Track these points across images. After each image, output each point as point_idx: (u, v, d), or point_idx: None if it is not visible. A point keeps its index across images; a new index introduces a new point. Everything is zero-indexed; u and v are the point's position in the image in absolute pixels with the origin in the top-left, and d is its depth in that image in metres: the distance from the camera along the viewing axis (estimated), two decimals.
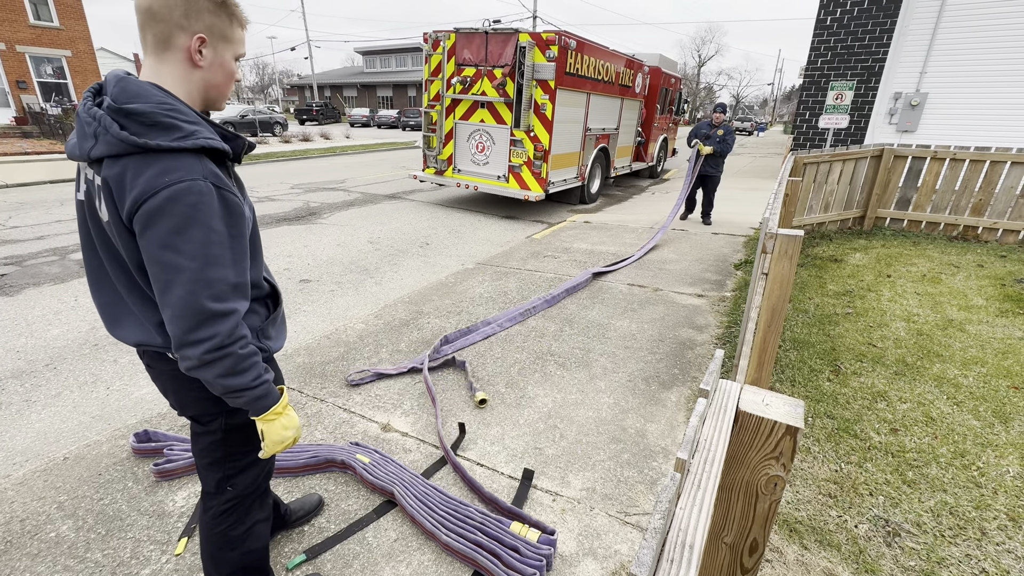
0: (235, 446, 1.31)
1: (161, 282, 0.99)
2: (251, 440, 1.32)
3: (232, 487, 1.35)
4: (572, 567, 1.83)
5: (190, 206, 0.96)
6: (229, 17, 1.07)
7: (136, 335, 1.17)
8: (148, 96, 0.98)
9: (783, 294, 1.97)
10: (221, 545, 1.39)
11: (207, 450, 1.32)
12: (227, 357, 1.05)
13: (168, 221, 0.95)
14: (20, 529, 1.93)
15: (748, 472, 0.98)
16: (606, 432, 2.61)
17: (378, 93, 45.83)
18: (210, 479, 1.35)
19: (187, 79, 1.05)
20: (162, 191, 0.94)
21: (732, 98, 74.59)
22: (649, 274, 5.19)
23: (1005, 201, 5.91)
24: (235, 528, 1.39)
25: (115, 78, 1.01)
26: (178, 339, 1.01)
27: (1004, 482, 2.23)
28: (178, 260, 0.97)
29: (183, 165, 0.97)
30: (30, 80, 19.35)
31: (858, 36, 12.10)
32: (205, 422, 1.28)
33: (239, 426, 1.28)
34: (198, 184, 0.97)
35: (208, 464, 1.34)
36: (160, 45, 1.02)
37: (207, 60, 1.06)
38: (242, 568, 1.43)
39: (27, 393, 2.88)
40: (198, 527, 1.44)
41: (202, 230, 0.98)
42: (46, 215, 7.12)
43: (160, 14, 0.99)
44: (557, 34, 6.90)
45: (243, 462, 1.35)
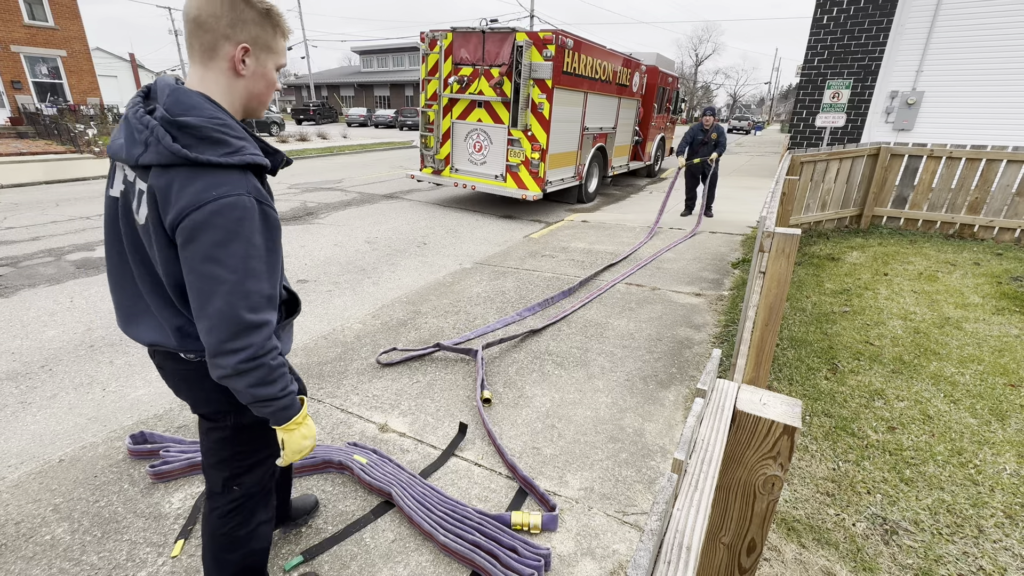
0: (242, 445, 1.32)
1: (201, 293, 1.01)
2: (258, 440, 1.33)
3: (238, 487, 1.36)
4: (570, 567, 1.83)
5: (234, 220, 0.99)
6: (273, 28, 1.09)
7: (151, 335, 1.19)
8: (201, 110, 1.01)
9: (780, 293, 1.97)
10: (224, 546, 1.39)
11: (215, 448, 1.33)
12: (260, 368, 1.07)
13: (212, 234, 0.97)
14: (15, 532, 1.92)
15: (746, 472, 0.98)
16: (604, 432, 2.60)
17: (375, 93, 45.75)
18: (216, 478, 1.36)
19: (231, 88, 1.08)
20: (208, 204, 0.97)
21: (729, 97, 74.68)
22: (647, 273, 5.19)
23: (1001, 199, 5.93)
24: (239, 529, 1.39)
25: (168, 87, 1.04)
26: (214, 348, 1.03)
27: (1001, 480, 2.24)
28: (220, 272, 0.99)
29: (230, 180, 1.00)
30: (25, 80, 19.26)
31: (855, 35, 12.13)
32: (215, 420, 1.30)
33: (247, 425, 1.29)
34: (243, 199, 1.00)
35: (215, 463, 1.35)
36: (206, 54, 1.04)
37: (250, 69, 1.08)
38: (243, 569, 1.44)
39: (22, 395, 2.86)
40: (202, 527, 1.42)
41: (243, 244, 1.01)
42: (41, 216, 7.08)
43: (207, 24, 1.01)
44: (554, 33, 6.89)
45: (249, 462, 1.36)
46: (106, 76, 27.83)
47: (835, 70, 12.54)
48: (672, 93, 12.89)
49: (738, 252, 6.05)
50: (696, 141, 7.77)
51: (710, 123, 7.64)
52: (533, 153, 7.42)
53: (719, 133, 7.68)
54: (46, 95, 19.93)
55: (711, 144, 7.70)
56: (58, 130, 15.25)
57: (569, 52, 7.23)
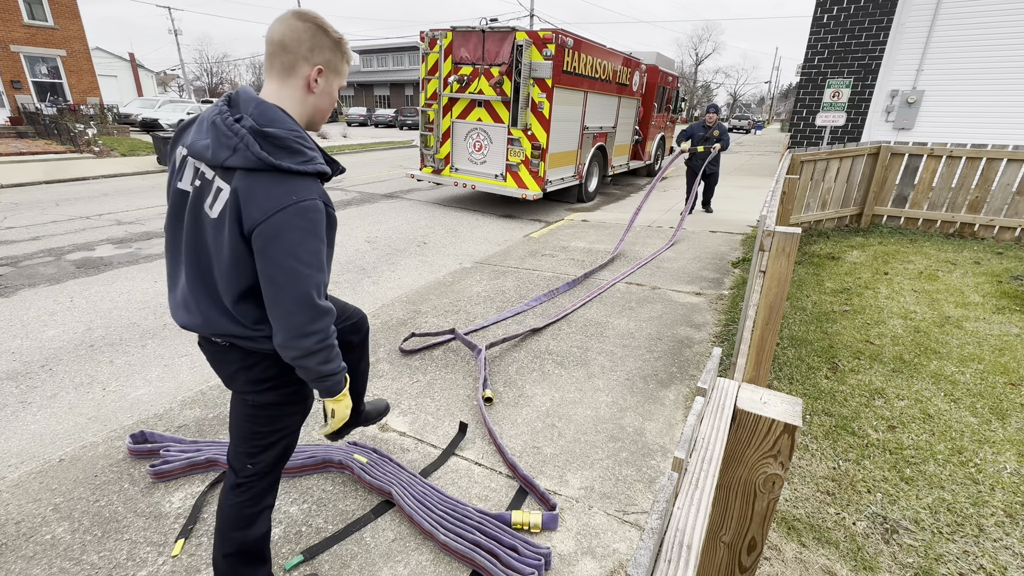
0: (262, 424, 1.43)
1: (281, 284, 1.14)
2: (274, 421, 1.44)
3: (252, 464, 1.46)
4: (571, 566, 1.83)
5: (311, 221, 1.14)
6: (342, 54, 1.26)
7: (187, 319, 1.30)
8: (283, 122, 1.15)
9: (781, 292, 1.97)
10: (232, 522, 1.48)
11: (238, 422, 1.45)
12: (328, 348, 1.25)
13: (293, 234, 1.12)
14: (15, 531, 1.92)
15: (746, 471, 0.98)
16: (604, 431, 2.60)
17: (375, 92, 45.74)
18: (239, 454, 1.47)
19: (302, 102, 1.23)
20: (290, 207, 1.11)
21: (729, 96, 74.64)
22: (647, 272, 5.19)
23: (1001, 198, 5.92)
24: (248, 507, 1.48)
25: (252, 99, 1.17)
26: (294, 332, 1.18)
27: (1001, 478, 2.24)
28: (299, 266, 1.14)
29: (306, 186, 1.15)
30: (25, 80, 19.24)
31: (855, 34, 12.12)
32: (244, 396, 1.41)
33: (268, 404, 1.41)
34: (316, 203, 1.15)
35: (238, 438, 1.46)
36: (285, 72, 1.20)
37: (320, 87, 1.24)
38: (244, 550, 1.50)
39: (22, 394, 2.86)
40: (218, 505, 1.52)
41: (316, 241, 1.16)
42: (41, 215, 7.08)
43: (290, 47, 1.18)
44: (554, 32, 6.89)
45: (266, 441, 1.45)
46: (106, 76, 27.83)
47: (835, 69, 12.54)
48: (672, 92, 12.89)
49: (738, 251, 6.05)
50: (696, 137, 7.70)
51: (713, 120, 7.57)
52: (533, 152, 7.42)
53: (721, 131, 7.61)
54: (46, 95, 19.92)
55: (712, 142, 7.66)
56: (58, 130, 15.24)
57: (569, 51, 7.22)
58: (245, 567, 1.52)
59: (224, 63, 67.76)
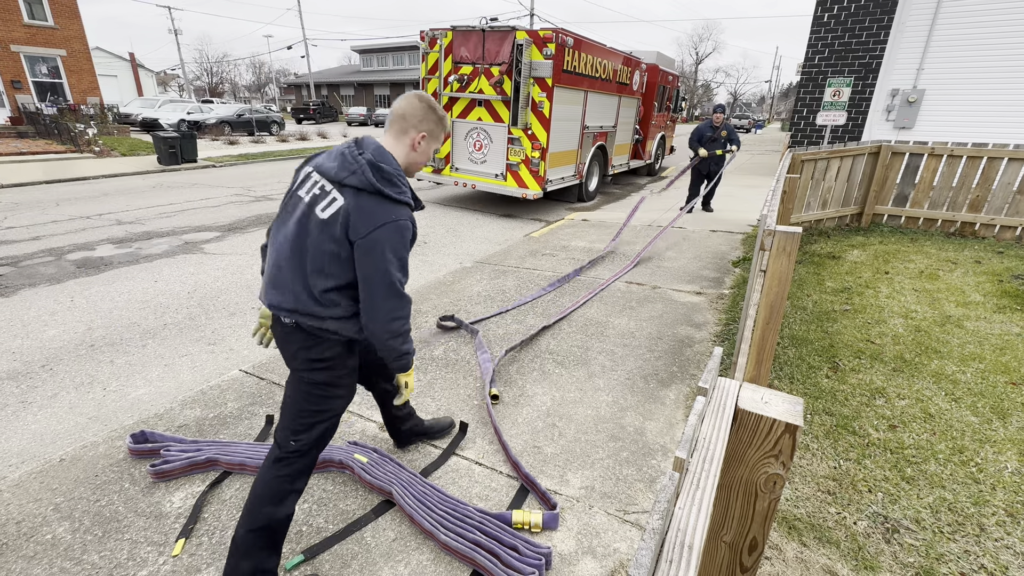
0: (312, 403, 1.64)
1: (376, 282, 1.50)
2: (324, 402, 1.66)
3: (295, 441, 1.64)
4: (571, 565, 1.82)
5: (402, 236, 1.51)
6: (442, 127, 1.67)
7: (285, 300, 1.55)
8: (391, 163, 1.53)
9: (781, 291, 1.97)
10: (266, 496, 1.61)
11: (291, 400, 1.66)
12: (408, 331, 1.62)
13: (390, 244, 1.49)
14: (16, 531, 1.92)
15: (747, 470, 0.97)
16: (605, 430, 2.60)
17: (375, 92, 45.70)
18: (285, 430, 1.65)
19: (406, 155, 1.63)
20: (389, 224, 1.48)
21: (730, 95, 74.57)
22: (647, 271, 5.19)
23: (1002, 197, 5.92)
24: (285, 482, 1.63)
25: (373, 144, 1.56)
26: (388, 316, 1.54)
27: (1002, 478, 2.23)
28: (392, 269, 1.50)
29: (401, 210, 1.52)
30: (25, 80, 19.25)
31: (855, 33, 12.11)
32: (301, 374, 1.63)
33: (320, 383, 1.63)
34: (407, 223, 1.53)
35: (289, 415, 1.65)
36: (400, 133, 1.61)
37: (421, 148, 1.64)
38: (269, 526, 1.61)
39: (23, 394, 2.86)
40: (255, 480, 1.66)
41: (404, 251, 1.54)
42: (42, 215, 7.09)
43: (407, 117, 1.59)
44: (554, 32, 6.88)
45: (312, 420, 1.65)
46: (106, 76, 27.82)
47: (836, 68, 12.52)
48: (672, 91, 12.87)
49: (739, 251, 6.05)
50: (705, 138, 7.84)
51: (720, 120, 7.72)
52: (533, 152, 7.41)
53: (729, 130, 7.77)
54: (46, 95, 19.92)
55: (720, 141, 7.78)
56: (58, 130, 15.24)
57: (569, 50, 7.22)
58: (263, 549, 1.61)
59: (224, 63, 67.76)
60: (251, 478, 2.21)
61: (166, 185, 9.88)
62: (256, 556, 1.60)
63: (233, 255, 5.53)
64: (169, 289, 4.51)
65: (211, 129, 20.68)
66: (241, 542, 1.59)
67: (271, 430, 2.54)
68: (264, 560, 1.61)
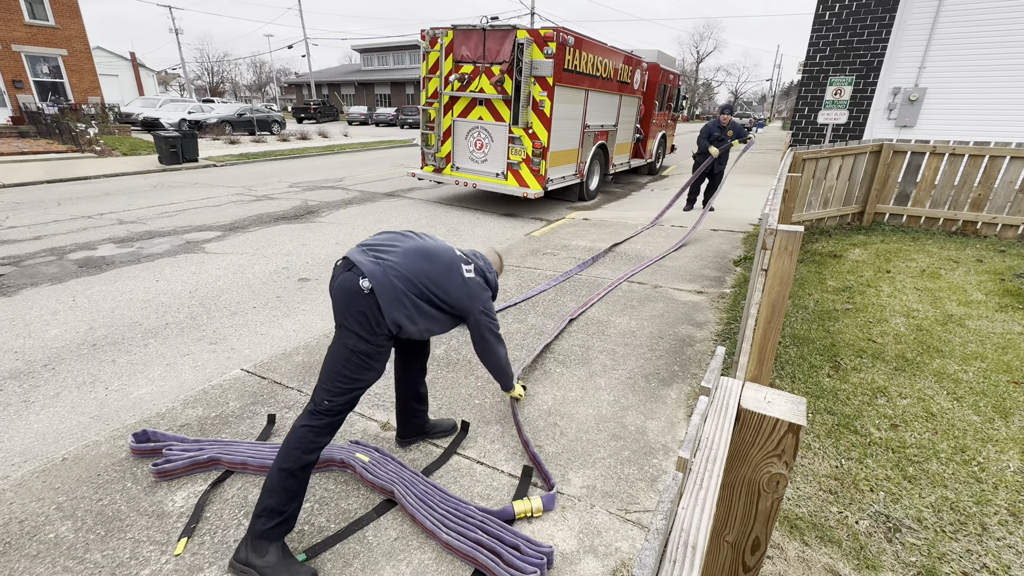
0: (351, 370, 1.77)
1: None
2: (360, 371, 1.79)
3: (329, 401, 1.78)
4: (573, 565, 1.82)
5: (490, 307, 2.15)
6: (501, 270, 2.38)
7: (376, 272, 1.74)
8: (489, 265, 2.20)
9: (783, 290, 1.96)
10: (298, 441, 1.74)
11: (331, 364, 1.79)
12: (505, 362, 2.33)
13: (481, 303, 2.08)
14: (19, 530, 1.92)
15: (750, 470, 0.97)
16: (606, 429, 2.60)
17: (376, 91, 45.70)
18: (322, 390, 1.79)
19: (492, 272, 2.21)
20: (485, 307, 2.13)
21: (731, 94, 74.45)
22: (648, 271, 5.18)
23: (1004, 196, 5.91)
24: (314, 433, 1.77)
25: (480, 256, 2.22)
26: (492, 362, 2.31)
27: (1005, 477, 2.23)
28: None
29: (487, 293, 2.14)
30: (26, 79, 19.27)
31: (857, 31, 12.08)
32: (347, 340, 1.76)
33: (361, 352, 1.77)
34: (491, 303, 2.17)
35: (327, 377, 1.79)
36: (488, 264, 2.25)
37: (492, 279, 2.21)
38: (299, 467, 1.74)
39: (25, 393, 2.87)
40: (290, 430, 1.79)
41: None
42: (43, 215, 7.10)
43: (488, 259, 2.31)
44: (555, 30, 6.87)
45: (347, 386, 1.79)
46: (107, 75, 27.84)
47: (837, 66, 12.49)
48: (673, 90, 12.86)
49: (740, 250, 6.04)
50: (713, 137, 8.04)
51: (727, 121, 8.00)
52: (534, 151, 7.41)
53: (736, 130, 8.07)
54: (47, 94, 19.94)
55: (727, 142, 8.03)
56: (59, 129, 15.25)
57: (570, 49, 7.21)
58: (287, 491, 1.72)
59: (225, 62, 67.75)
60: (253, 477, 2.21)
61: (167, 185, 9.89)
62: (280, 495, 1.71)
63: (234, 254, 5.54)
64: (170, 288, 4.51)
65: (212, 129, 20.69)
66: (275, 477, 1.72)
67: (273, 429, 2.54)
68: (285, 502, 1.71)
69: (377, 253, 1.80)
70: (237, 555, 1.71)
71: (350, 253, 1.80)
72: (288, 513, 1.73)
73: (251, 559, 1.67)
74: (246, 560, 1.68)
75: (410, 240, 1.91)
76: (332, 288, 1.81)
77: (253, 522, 1.69)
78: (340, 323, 1.79)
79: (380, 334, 1.77)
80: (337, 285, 1.78)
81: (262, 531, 1.68)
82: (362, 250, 1.81)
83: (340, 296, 1.76)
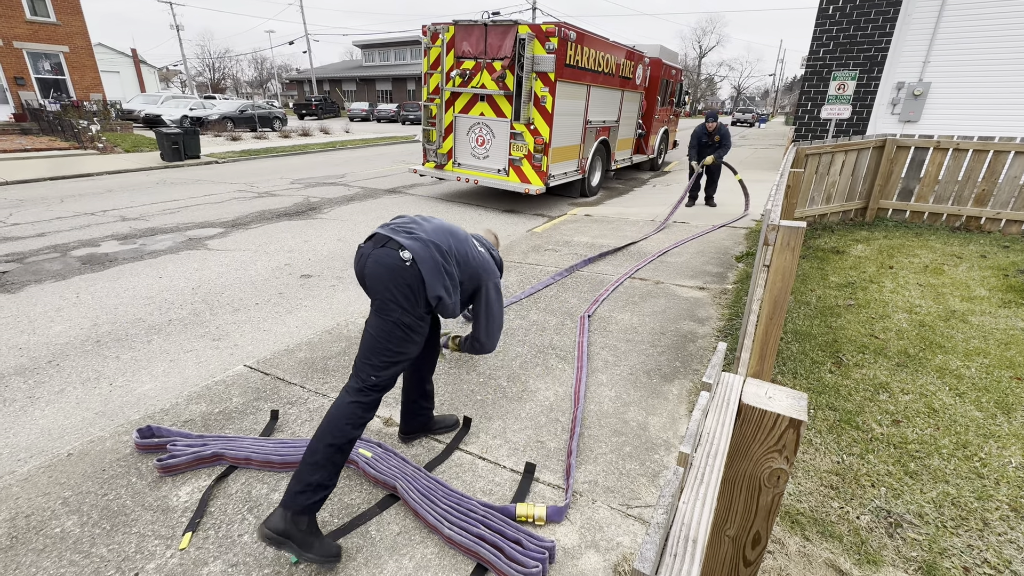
0: (395, 344, 1.82)
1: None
2: (403, 344, 1.84)
3: (376, 376, 1.83)
4: (574, 559, 1.83)
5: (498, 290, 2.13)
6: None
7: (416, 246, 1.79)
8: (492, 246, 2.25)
9: (785, 286, 1.96)
10: (346, 416, 1.79)
11: (374, 340, 1.82)
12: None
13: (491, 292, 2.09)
14: (25, 524, 1.94)
15: (751, 465, 0.98)
16: (608, 425, 2.61)
17: (377, 87, 45.59)
18: (367, 367, 1.83)
19: None
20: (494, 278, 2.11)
21: (733, 89, 74.10)
22: (650, 267, 5.18)
23: (1008, 191, 5.88)
24: (361, 409, 1.81)
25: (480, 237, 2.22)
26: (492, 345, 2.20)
27: (1006, 473, 2.23)
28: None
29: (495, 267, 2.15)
30: (28, 76, 19.28)
31: (861, 25, 12.00)
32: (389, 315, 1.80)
33: (405, 325, 1.81)
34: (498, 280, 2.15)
35: (371, 353, 1.83)
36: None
37: None
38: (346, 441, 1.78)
39: (30, 389, 2.89)
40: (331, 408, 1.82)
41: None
42: (47, 212, 7.12)
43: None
44: (557, 25, 6.84)
45: (392, 359, 1.84)
46: (108, 72, 27.84)
47: (841, 61, 12.42)
48: (676, 86, 12.80)
49: (742, 245, 6.03)
50: (702, 143, 8.26)
51: (713, 127, 8.15)
52: (536, 147, 7.39)
53: (723, 135, 8.15)
54: (49, 91, 19.96)
55: (715, 146, 8.20)
56: (62, 126, 15.27)
57: (572, 45, 7.18)
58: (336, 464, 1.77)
59: (226, 58, 67.66)
60: (257, 472, 2.23)
61: (169, 181, 9.90)
62: (328, 469, 1.74)
63: (237, 251, 5.55)
64: (173, 285, 4.53)
65: (214, 125, 20.69)
66: (320, 455, 1.74)
67: (276, 425, 2.56)
68: (331, 476, 1.76)
69: (408, 230, 1.84)
70: (271, 526, 1.69)
71: (380, 231, 1.83)
72: (331, 487, 1.77)
73: (290, 530, 1.69)
74: (284, 531, 1.68)
75: (431, 220, 1.95)
76: (365, 267, 1.81)
77: (294, 498, 1.70)
78: (382, 299, 1.80)
79: (421, 306, 1.81)
80: (373, 262, 1.78)
81: (305, 505, 1.71)
82: (391, 228, 1.84)
83: (380, 272, 1.78)
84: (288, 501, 1.70)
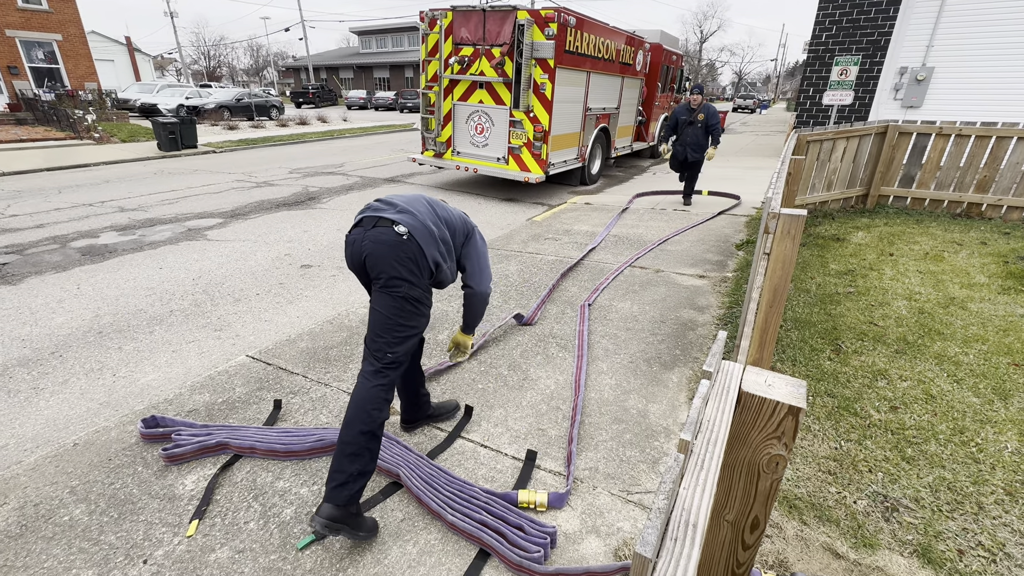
0: (406, 318, 1.85)
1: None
2: (414, 318, 1.87)
3: (392, 353, 1.85)
4: (576, 544, 1.87)
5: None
6: None
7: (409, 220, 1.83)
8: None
9: (785, 274, 1.97)
10: (372, 400, 1.82)
11: (385, 317, 1.83)
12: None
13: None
14: (34, 513, 1.97)
15: (750, 452, 0.99)
16: (608, 413, 2.63)
17: (375, 74, 45.13)
18: (381, 345, 1.85)
19: None
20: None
21: (734, 74, 73.33)
22: (650, 255, 5.18)
23: (1010, 177, 5.85)
24: (383, 391, 1.84)
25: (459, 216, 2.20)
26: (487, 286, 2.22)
27: (1002, 458, 2.26)
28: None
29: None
30: (21, 65, 19.07)
31: (864, 9, 11.84)
32: (396, 290, 1.81)
33: (413, 299, 1.84)
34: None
35: (384, 330, 1.84)
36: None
37: None
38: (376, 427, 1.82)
39: (34, 381, 2.91)
40: (353, 393, 1.85)
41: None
42: (44, 203, 7.09)
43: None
44: (556, 11, 6.76)
45: (405, 334, 1.87)
46: (103, 60, 27.50)
47: (843, 46, 12.28)
48: (676, 71, 12.66)
49: (742, 233, 6.02)
50: (681, 122, 6.99)
51: (698, 102, 6.86)
52: (536, 135, 7.34)
53: (708, 114, 6.81)
54: (43, 80, 19.75)
55: (698, 125, 6.84)
56: (57, 116, 15.14)
57: (571, 30, 7.10)
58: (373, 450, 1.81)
59: (221, 46, 66.89)
60: (261, 461, 2.25)
61: (167, 171, 9.85)
62: (365, 455, 1.79)
63: (236, 241, 5.54)
64: (174, 276, 4.53)
65: (210, 114, 20.53)
66: (356, 444, 1.78)
67: (279, 414, 2.58)
68: (370, 461, 1.81)
69: (393, 205, 1.87)
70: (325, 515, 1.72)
71: (366, 215, 1.85)
72: (371, 472, 1.82)
73: (343, 517, 1.74)
74: (339, 519, 1.74)
75: (402, 195, 1.98)
76: (363, 249, 1.81)
77: (338, 489, 1.74)
78: (387, 276, 1.81)
79: (425, 276, 1.86)
80: (372, 242, 1.79)
81: (352, 494, 1.76)
82: (375, 210, 1.86)
83: (382, 250, 1.79)
84: (334, 495, 1.74)
